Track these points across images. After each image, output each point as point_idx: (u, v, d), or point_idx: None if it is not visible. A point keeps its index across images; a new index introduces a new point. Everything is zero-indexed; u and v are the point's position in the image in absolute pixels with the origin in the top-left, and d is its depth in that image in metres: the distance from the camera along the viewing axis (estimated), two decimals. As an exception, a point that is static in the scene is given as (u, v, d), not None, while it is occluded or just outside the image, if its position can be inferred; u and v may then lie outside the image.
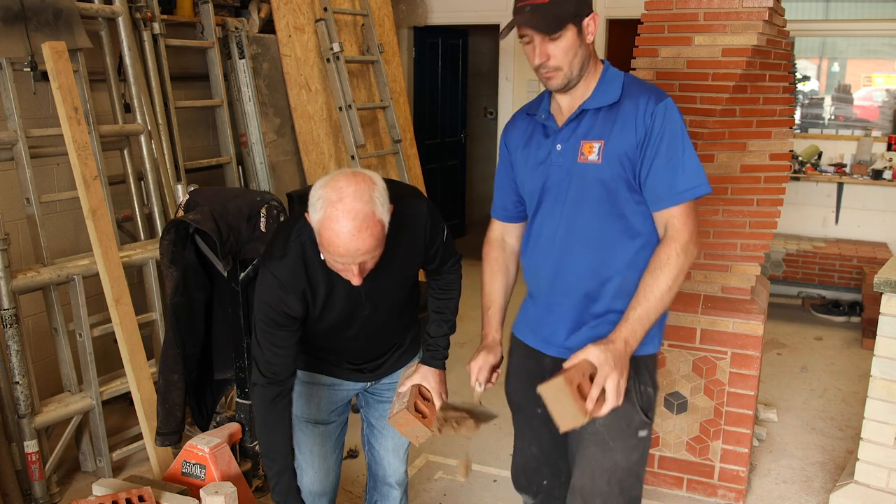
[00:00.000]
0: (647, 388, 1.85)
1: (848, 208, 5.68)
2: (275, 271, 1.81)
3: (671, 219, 1.74)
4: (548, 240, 1.85)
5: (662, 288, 1.70)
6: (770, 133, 2.96)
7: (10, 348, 2.88)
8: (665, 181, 1.72)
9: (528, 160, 1.88)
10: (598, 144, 1.75)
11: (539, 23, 1.68)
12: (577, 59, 1.73)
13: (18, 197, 3.12)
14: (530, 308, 1.97)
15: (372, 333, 2.03)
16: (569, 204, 1.80)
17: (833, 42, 6.16)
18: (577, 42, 1.72)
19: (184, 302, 2.59)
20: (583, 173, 1.77)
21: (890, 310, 2.61)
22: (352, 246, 1.63)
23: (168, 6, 4.09)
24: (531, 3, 1.69)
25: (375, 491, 2.31)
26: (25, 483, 2.93)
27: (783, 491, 3.17)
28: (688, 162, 1.73)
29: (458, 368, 4.38)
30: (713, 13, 2.74)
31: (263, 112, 4.39)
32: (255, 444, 2.88)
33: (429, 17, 6.51)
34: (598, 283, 1.80)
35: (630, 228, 1.78)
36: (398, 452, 2.24)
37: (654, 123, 1.72)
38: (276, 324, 1.84)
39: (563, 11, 1.68)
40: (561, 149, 1.80)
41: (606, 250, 1.79)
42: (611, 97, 1.77)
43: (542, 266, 1.87)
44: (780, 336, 5.02)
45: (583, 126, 1.78)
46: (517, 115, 1.98)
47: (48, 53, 2.94)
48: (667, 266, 1.71)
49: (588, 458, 1.83)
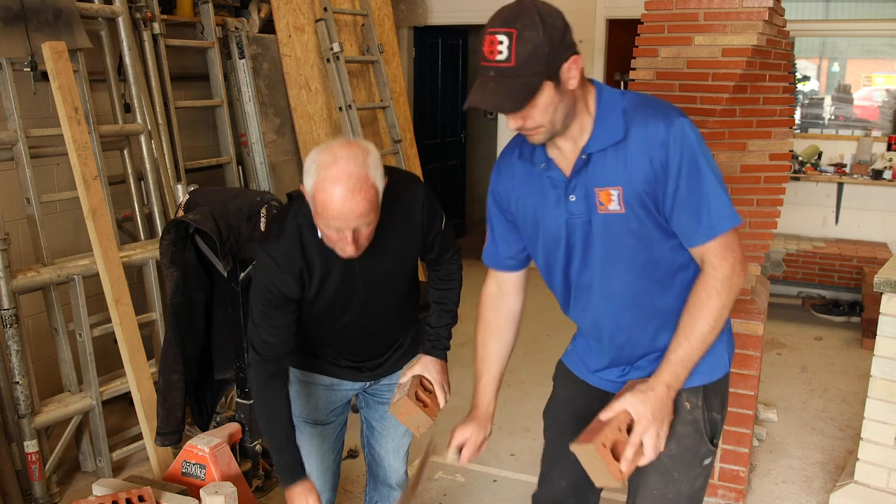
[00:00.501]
0: (716, 414, 1.74)
1: (848, 208, 5.68)
2: (271, 252, 1.82)
3: (707, 254, 1.58)
4: (584, 295, 1.71)
5: (704, 330, 1.57)
6: (770, 133, 2.96)
7: (10, 348, 2.88)
8: (692, 218, 1.56)
9: (537, 212, 1.69)
10: (615, 192, 1.57)
11: (505, 103, 1.47)
12: (560, 112, 1.51)
13: (18, 197, 3.12)
14: (581, 341, 1.86)
15: (369, 324, 2.01)
16: (599, 261, 1.64)
17: (833, 42, 6.16)
18: (556, 97, 1.48)
19: (184, 302, 2.59)
20: (607, 226, 1.60)
21: (890, 310, 2.61)
22: (345, 208, 1.62)
23: (168, 6, 4.09)
24: (495, 66, 1.45)
25: (375, 492, 2.31)
26: (25, 483, 2.93)
27: (783, 491, 3.17)
28: (712, 193, 1.54)
29: (458, 369, 4.38)
30: (713, 13, 2.73)
31: (263, 112, 4.39)
32: (256, 444, 2.88)
33: (429, 17, 6.51)
34: (643, 328, 1.70)
35: (670, 268, 1.64)
36: (398, 453, 2.24)
37: (668, 156, 1.53)
38: (272, 304, 1.84)
39: (532, 74, 1.44)
40: (575, 199, 1.62)
41: (649, 300, 1.66)
42: (615, 134, 1.56)
43: (584, 320, 1.76)
44: (780, 336, 5.02)
45: (592, 171, 1.59)
46: (506, 160, 1.74)
47: (48, 53, 2.94)
48: (707, 305, 1.56)
49: (650, 486, 1.72)
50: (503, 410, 3.90)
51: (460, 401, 3.96)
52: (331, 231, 1.69)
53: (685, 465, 1.70)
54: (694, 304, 1.58)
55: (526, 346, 4.72)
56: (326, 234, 1.72)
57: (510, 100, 1.46)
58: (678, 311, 1.62)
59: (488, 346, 1.86)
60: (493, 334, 1.86)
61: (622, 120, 1.56)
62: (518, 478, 3.26)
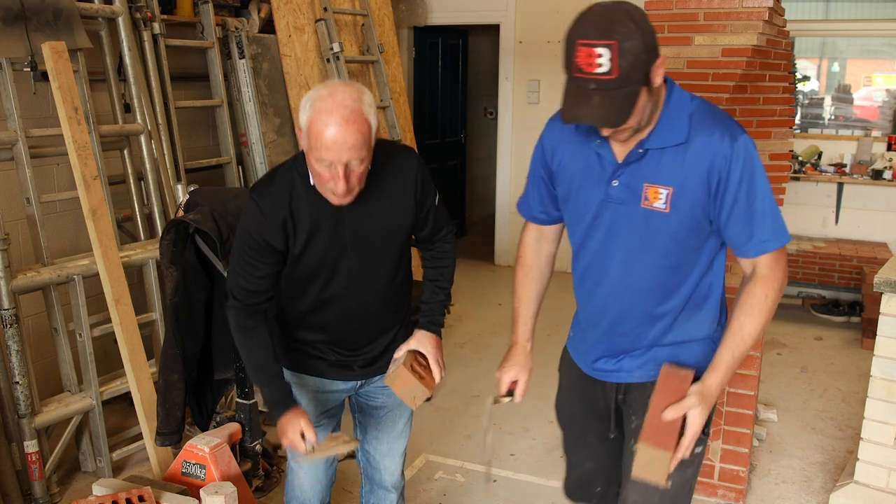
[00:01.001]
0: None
1: (848, 208, 5.68)
2: (257, 199, 1.84)
3: (758, 266, 1.65)
4: (602, 277, 1.75)
5: (757, 329, 1.64)
6: (770, 133, 2.96)
7: (10, 348, 2.88)
8: (745, 231, 1.62)
9: (579, 183, 1.72)
10: (664, 191, 1.59)
11: (611, 116, 1.47)
12: (647, 112, 1.53)
13: (18, 197, 3.12)
14: (580, 338, 1.92)
15: (358, 301, 1.96)
16: (629, 251, 1.69)
17: (833, 42, 6.16)
18: (648, 99, 1.51)
19: (184, 302, 2.59)
20: (647, 221, 1.63)
21: (890, 310, 2.61)
22: (339, 137, 1.65)
23: (168, 6, 4.09)
24: (595, 78, 1.43)
25: (372, 494, 2.28)
26: (25, 483, 2.93)
27: (783, 491, 3.18)
28: (768, 210, 1.61)
29: (456, 369, 4.40)
30: (713, 13, 2.73)
31: (263, 112, 4.39)
32: (256, 443, 2.89)
33: (429, 17, 6.52)
34: (654, 320, 1.75)
35: (691, 269, 1.70)
36: (394, 456, 2.21)
37: (730, 169, 1.56)
38: (254, 251, 1.84)
39: (633, 84, 1.44)
40: (618, 186, 1.64)
41: (664, 296, 1.72)
42: (678, 136, 1.58)
43: (601, 307, 1.79)
44: (780, 336, 5.02)
45: (646, 167, 1.61)
46: (562, 125, 1.73)
47: (48, 53, 2.94)
48: (763, 306, 1.63)
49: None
50: (503, 410, 3.90)
51: (457, 400, 3.97)
52: (323, 167, 1.70)
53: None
54: (752, 304, 1.63)
55: (526, 346, 4.72)
56: (319, 172, 1.72)
57: (617, 113, 1.46)
58: (690, 313, 1.72)
59: (528, 286, 1.93)
60: (533, 277, 1.93)
61: (688, 124, 1.58)
62: (518, 478, 3.26)
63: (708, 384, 1.64)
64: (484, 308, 5.50)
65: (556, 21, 6.10)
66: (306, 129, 1.70)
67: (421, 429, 3.64)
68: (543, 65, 6.24)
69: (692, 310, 1.76)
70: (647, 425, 1.64)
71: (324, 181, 1.74)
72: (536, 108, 6.32)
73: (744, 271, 1.70)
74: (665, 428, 1.63)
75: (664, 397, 1.66)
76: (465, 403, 3.95)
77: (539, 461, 3.40)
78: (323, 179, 1.73)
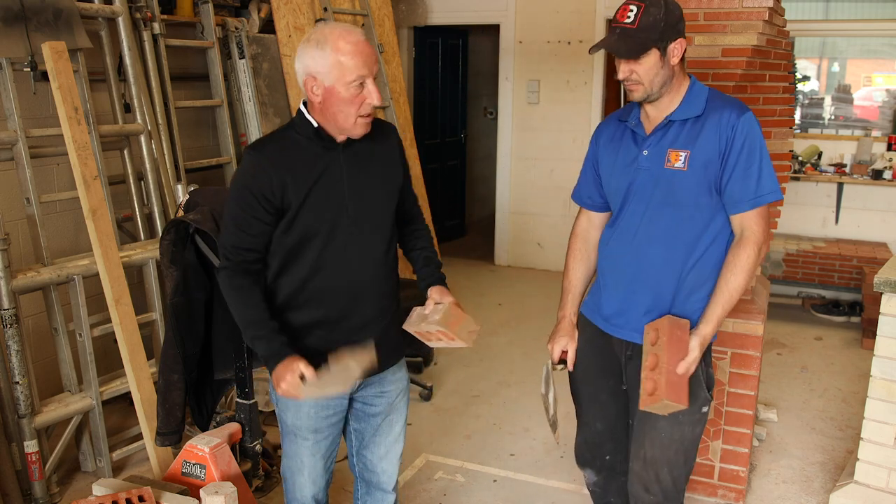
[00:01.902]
0: (709, 368, 2.11)
1: (848, 208, 5.68)
2: (253, 152, 1.89)
3: (747, 220, 1.96)
4: (630, 235, 2.05)
5: (741, 284, 1.95)
6: (770, 133, 2.96)
7: (10, 348, 2.88)
8: (743, 187, 1.93)
9: (615, 161, 2.08)
10: (684, 153, 1.95)
11: (622, 49, 1.89)
12: (659, 78, 1.92)
13: (18, 197, 3.12)
14: (603, 293, 2.16)
15: (355, 267, 1.95)
16: (653, 206, 2.00)
17: (833, 42, 6.16)
18: (660, 63, 1.91)
19: (184, 302, 2.59)
20: (670, 179, 1.97)
21: (890, 310, 2.61)
22: (365, 48, 1.82)
23: (168, 6, 4.09)
24: (622, 26, 1.89)
25: (369, 496, 2.27)
26: (25, 483, 2.93)
27: (783, 491, 3.18)
28: (764, 170, 1.94)
29: (456, 369, 4.40)
30: (713, 13, 2.73)
31: (263, 112, 4.39)
32: (256, 443, 2.88)
33: (429, 17, 6.52)
34: (671, 276, 2.02)
35: (705, 229, 1.99)
36: (391, 459, 2.20)
37: (735, 135, 1.92)
38: (249, 206, 1.85)
39: (647, 37, 1.87)
40: (648, 154, 2.00)
41: (682, 248, 2.00)
42: (695, 110, 1.96)
43: (621, 258, 2.08)
44: (780, 336, 5.02)
45: (669, 135, 1.98)
46: (610, 118, 2.17)
47: (48, 53, 2.94)
48: (746, 265, 1.95)
49: (659, 429, 2.06)
50: (503, 410, 3.90)
51: (457, 400, 3.97)
52: (352, 90, 1.81)
53: (688, 410, 1.99)
54: (735, 264, 1.95)
55: (526, 347, 4.72)
56: (347, 98, 1.82)
57: (625, 48, 1.89)
58: (702, 274, 2.00)
59: (577, 268, 2.25)
60: (581, 261, 2.25)
61: (704, 102, 1.97)
62: (518, 478, 3.26)
63: (704, 334, 1.96)
64: (484, 308, 5.49)
65: (556, 21, 6.11)
66: (328, 56, 1.79)
67: (421, 429, 3.64)
68: (543, 65, 6.24)
69: (697, 281, 2.02)
70: (668, 383, 1.87)
71: (354, 106, 1.83)
72: (536, 108, 6.32)
73: (735, 232, 2.00)
74: (680, 381, 1.90)
75: (674, 351, 1.91)
76: (465, 403, 3.95)
77: (539, 461, 3.40)
78: (353, 104, 1.83)
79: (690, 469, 2.16)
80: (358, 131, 1.89)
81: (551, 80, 6.24)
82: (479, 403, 3.96)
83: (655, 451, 2.09)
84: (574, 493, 3.14)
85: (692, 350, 1.93)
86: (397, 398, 2.15)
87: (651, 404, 1.90)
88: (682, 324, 1.98)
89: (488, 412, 3.87)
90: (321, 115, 1.89)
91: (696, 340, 1.95)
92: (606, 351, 2.17)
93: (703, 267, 2.01)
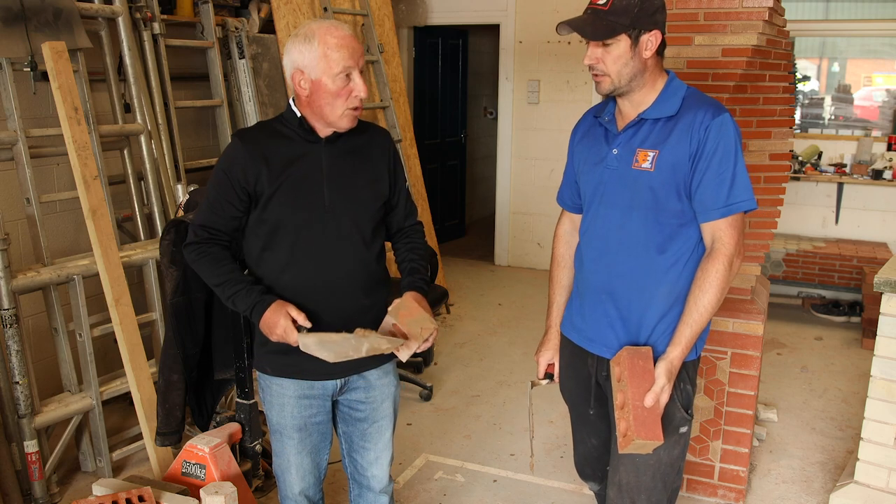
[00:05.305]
0: (687, 386, 1.95)
1: (848, 208, 5.68)
2: (237, 136, 1.95)
3: (718, 230, 1.82)
4: (598, 240, 1.95)
5: (712, 302, 1.81)
6: (770, 133, 2.96)
7: (10, 348, 2.88)
8: (714, 194, 1.80)
9: (587, 158, 1.99)
10: (652, 153, 1.83)
11: (587, 29, 1.78)
12: (627, 70, 1.80)
13: (18, 197, 3.12)
14: (576, 306, 2.07)
15: (333, 262, 1.95)
16: (621, 208, 1.89)
17: (833, 42, 6.16)
18: (629, 54, 1.78)
19: (184, 302, 2.59)
20: (635, 180, 1.85)
21: (890, 310, 2.61)
22: (351, 41, 1.85)
23: (168, 6, 4.09)
24: (594, 6, 1.80)
25: (361, 498, 2.27)
26: (25, 483, 2.93)
27: (783, 491, 3.18)
28: (738, 177, 1.80)
29: (456, 370, 4.40)
30: (713, 13, 2.73)
31: (263, 112, 4.39)
32: (256, 443, 2.88)
33: (429, 17, 6.52)
34: (640, 286, 1.90)
35: (674, 237, 1.86)
36: (381, 463, 2.20)
37: (707, 137, 1.79)
38: (225, 188, 1.92)
39: (617, 21, 1.76)
40: (617, 153, 1.89)
41: (650, 256, 1.87)
42: (669, 109, 1.84)
43: (589, 263, 1.98)
44: (780, 336, 5.02)
45: (640, 134, 1.87)
46: (586, 114, 2.07)
47: (48, 53, 2.94)
48: (715, 281, 1.80)
49: (633, 454, 1.91)
50: (503, 410, 3.90)
51: (457, 400, 3.97)
52: (339, 81, 1.85)
53: (664, 432, 1.85)
54: (704, 279, 1.81)
55: (526, 347, 4.72)
56: (334, 91, 1.85)
57: (592, 29, 1.78)
58: (671, 288, 1.87)
59: (561, 275, 2.15)
60: (565, 267, 2.15)
61: (680, 102, 1.84)
62: (518, 478, 3.26)
63: (671, 359, 1.82)
64: (484, 308, 5.50)
65: (556, 21, 6.09)
66: (317, 49, 1.83)
67: (421, 429, 3.64)
68: (543, 65, 6.24)
69: (669, 294, 1.89)
70: (636, 421, 1.75)
71: (341, 98, 1.86)
72: (536, 108, 6.32)
73: (706, 244, 1.87)
74: (650, 416, 1.77)
75: (638, 385, 1.79)
76: (465, 403, 3.95)
77: (539, 461, 3.40)
78: (340, 96, 1.86)
79: (675, 492, 2.03)
80: (344, 124, 1.92)
81: (551, 79, 6.24)
82: (479, 403, 3.96)
83: (630, 477, 1.95)
84: (574, 493, 3.14)
85: (658, 378, 1.80)
86: (384, 404, 2.14)
87: (627, 446, 1.78)
88: (642, 353, 1.84)
89: (488, 412, 3.87)
90: (308, 108, 1.93)
91: (661, 367, 1.81)
92: (583, 374, 2.06)
93: (678, 279, 1.87)
